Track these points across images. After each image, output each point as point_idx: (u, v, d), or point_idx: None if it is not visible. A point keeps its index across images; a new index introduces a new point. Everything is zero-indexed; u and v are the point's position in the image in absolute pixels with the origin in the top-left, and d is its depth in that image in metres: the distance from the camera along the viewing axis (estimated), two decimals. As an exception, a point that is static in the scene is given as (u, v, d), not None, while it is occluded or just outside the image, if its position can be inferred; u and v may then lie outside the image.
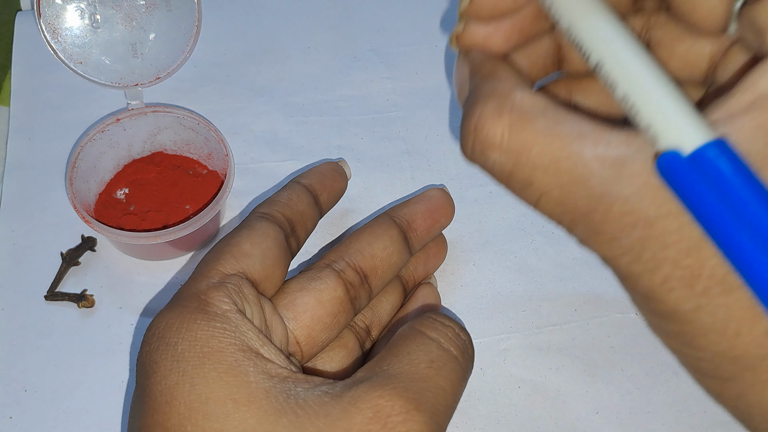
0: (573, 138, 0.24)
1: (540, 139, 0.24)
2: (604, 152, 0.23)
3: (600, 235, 0.24)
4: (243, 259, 0.30)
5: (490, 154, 0.25)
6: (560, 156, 0.24)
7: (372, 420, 0.25)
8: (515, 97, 0.25)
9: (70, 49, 0.40)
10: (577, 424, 0.37)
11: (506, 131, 0.25)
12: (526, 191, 0.25)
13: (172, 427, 0.26)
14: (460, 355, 0.29)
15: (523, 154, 0.24)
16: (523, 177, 0.25)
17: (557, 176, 0.24)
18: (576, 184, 0.24)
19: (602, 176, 0.23)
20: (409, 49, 0.50)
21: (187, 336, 0.27)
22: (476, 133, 0.25)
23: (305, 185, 0.36)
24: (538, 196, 0.25)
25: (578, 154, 0.24)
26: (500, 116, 0.25)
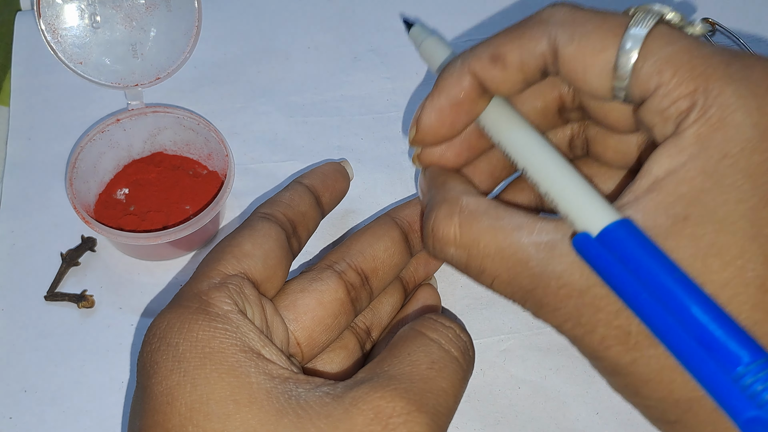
0: (512, 229, 0.28)
1: (485, 233, 0.29)
2: (538, 239, 0.28)
3: (544, 307, 0.28)
4: (244, 259, 0.30)
5: (447, 250, 0.30)
6: (503, 245, 0.28)
7: (373, 421, 0.25)
8: (462, 201, 0.30)
9: (70, 49, 0.40)
10: (577, 425, 0.37)
11: (457, 230, 0.30)
12: (481, 277, 0.30)
13: (173, 427, 0.26)
14: (461, 356, 0.29)
15: (474, 247, 0.29)
16: (476, 265, 0.29)
17: (503, 262, 0.28)
18: (519, 266, 0.28)
19: (538, 258, 0.27)
20: (410, 49, 0.50)
21: (189, 336, 0.27)
22: (433, 234, 0.30)
23: (307, 186, 0.36)
24: (492, 280, 0.29)
25: (517, 242, 0.28)
26: (451, 218, 0.30)
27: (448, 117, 0.32)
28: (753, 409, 0.23)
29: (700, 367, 0.24)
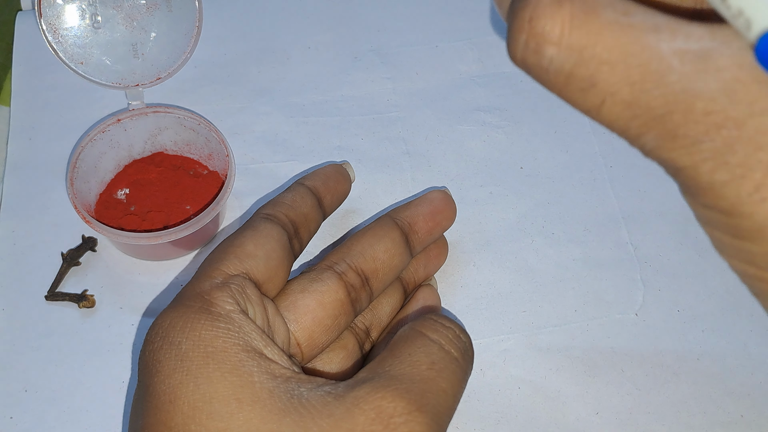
0: (647, 31, 0.21)
1: (607, 31, 0.22)
2: (685, 45, 0.21)
3: (678, 139, 0.22)
4: (246, 259, 0.30)
5: (546, 51, 0.22)
6: (632, 50, 0.21)
7: (375, 421, 0.25)
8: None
9: (70, 49, 0.40)
10: (577, 425, 0.37)
11: (567, 23, 0.22)
12: (587, 94, 0.23)
13: (176, 426, 0.26)
14: (461, 356, 0.29)
15: (587, 49, 0.22)
16: (585, 76, 0.22)
17: (628, 73, 0.22)
18: (651, 81, 0.21)
19: (683, 72, 0.21)
20: (410, 49, 0.50)
21: (191, 336, 0.27)
22: (531, 26, 0.22)
23: (309, 187, 0.36)
24: (603, 99, 0.22)
25: (653, 47, 0.21)
26: (560, 6, 0.22)
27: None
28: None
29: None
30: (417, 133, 0.46)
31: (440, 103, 0.47)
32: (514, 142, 0.46)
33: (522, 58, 0.23)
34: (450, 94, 0.48)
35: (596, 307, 0.40)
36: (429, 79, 0.49)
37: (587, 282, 0.41)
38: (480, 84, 0.48)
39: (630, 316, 0.40)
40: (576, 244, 0.42)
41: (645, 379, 0.38)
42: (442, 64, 0.49)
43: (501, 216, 0.43)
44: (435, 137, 0.46)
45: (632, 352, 0.39)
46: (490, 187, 0.44)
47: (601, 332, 0.39)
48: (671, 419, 0.37)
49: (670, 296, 0.41)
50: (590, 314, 0.40)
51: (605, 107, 0.22)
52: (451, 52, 0.50)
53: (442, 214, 0.37)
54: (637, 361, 0.39)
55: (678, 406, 0.37)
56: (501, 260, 0.42)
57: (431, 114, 0.47)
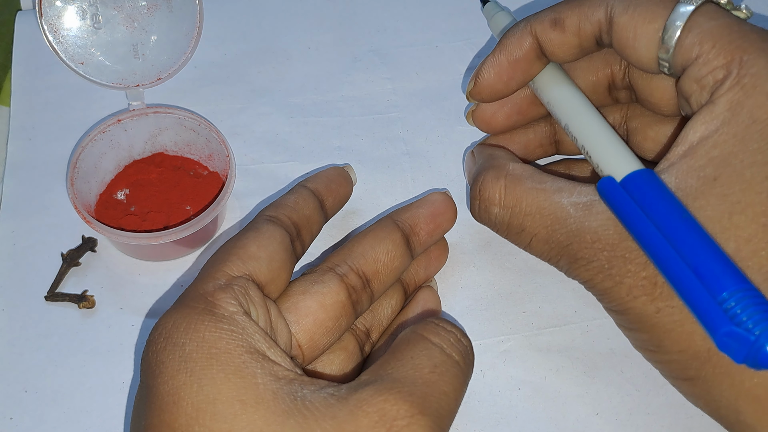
0: (553, 191, 0.32)
1: (528, 194, 0.33)
2: (577, 199, 0.31)
3: (579, 261, 0.31)
4: (250, 261, 0.30)
5: (491, 210, 0.34)
6: (543, 205, 0.32)
7: (378, 423, 0.26)
8: (509, 167, 0.35)
9: (71, 49, 0.40)
10: (576, 426, 0.37)
11: (503, 191, 0.34)
12: (520, 235, 0.34)
13: (180, 427, 0.26)
14: (462, 360, 0.29)
15: (516, 206, 0.33)
16: (517, 224, 0.33)
17: (542, 220, 0.32)
18: (557, 223, 0.32)
19: (576, 216, 0.31)
20: (410, 49, 0.50)
21: (195, 337, 0.27)
22: (480, 194, 0.35)
23: (311, 189, 0.36)
24: (530, 238, 0.33)
25: (558, 202, 0.32)
26: (497, 180, 0.34)
27: (506, 74, 0.36)
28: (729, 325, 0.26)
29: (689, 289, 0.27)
30: (417, 134, 0.46)
31: (440, 104, 0.47)
32: (514, 143, 0.46)
33: (479, 216, 0.36)
34: (450, 94, 0.48)
35: (596, 308, 0.40)
36: (429, 79, 0.49)
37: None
38: (480, 85, 0.48)
39: (630, 317, 0.40)
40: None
41: (645, 380, 0.38)
42: (442, 64, 0.49)
43: (501, 217, 0.43)
44: (435, 137, 0.46)
45: (632, 353, 0.39)
46: (490, 187, 0.44)
47: (601, 333, 0.39)
48: (671, 420, 0.37)
49: (669, 297, 0.41)
50: (590, 315, 0.40)
51: (532, 243, 0.34)
52: (451, 52, 0.50)
53: (443, 216, 0.38)
54: (637, 363, 0.39)
55: (677, 408, 0.37)
56: (501, 261, 0.42)
57: (431, 115, 0.47)
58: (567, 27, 0.34)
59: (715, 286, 0.27)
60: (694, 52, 0.30)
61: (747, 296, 0.26)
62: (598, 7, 0.33)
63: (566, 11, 0.34)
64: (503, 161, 0.35)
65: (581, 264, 0.31)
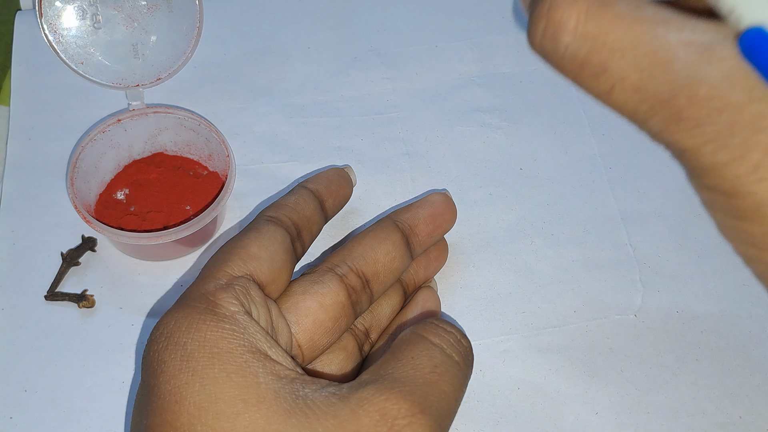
0: (656, 23, 0.24)
1: (620, 22, 0.24)
2: (690, 37, 0.23)
3: (683, 122, 0.24)
4: (251, 261, 0.30)
5: (562, 38, 0.25)
6: (642, 39, 0.24)
7: (379, 422, 0.26)
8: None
9: (71, 49, 0.40)
10: (576, 425, 0.37)
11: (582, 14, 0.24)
12: (599, 79, 0.25)
13: (182, 426, 0.26)
14: (462, 361, 0.30)
15: (600, 37, 0.24)
16: (598, 62, 0.24)
17: (637, 60, 0.24)
18: (659, 67, 0.24)
19: (688, 60, 0.23)
20: (409, 49, 0.50)
21: (197, 336, 0.27)
22: (549, 16, 0.25)
23: (312, 190, 0.36)
24: (613, 84, 0.25)
25: (662, 37, 0.24)
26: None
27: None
28: None
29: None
30: (417, 134, 0.46)
31: (440, 104, 0.47)
32: (513, 143, 0.46)
33: (540, 44, 0.25)
34: (450, 94, 0.48)
35: (595, 308, 0.40)
36: (429, 79, 0.49)
37: (586, 283, 0.41)
38: (480, 84, 0.48)
39: (629, 317, 0.40)
40: (575, 245, 0.42)
41: (644, 379, 0.38)
42: (442, 64, 0.49)
43: (500, 217, 0.43)
44: (435, 138, 0.46)
45: (631, 352, 0.39)
46: (489, 188, 0.44)
47: (600, 333, 0.39)
48: (670, 420, 0.37)
49: (669, 297, 0.41)
50: (589, 315, 0.40)
51: (615, 92, 0.24)
52: (451, 52, 0.50)
53: (443, 217, 0.38)
54: (636, 362, 0.39)
55: (677, 407, 0.38)
56: (500, 261, 0.42)
57: (431, 114, 0.47)
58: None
59: None
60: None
61: None
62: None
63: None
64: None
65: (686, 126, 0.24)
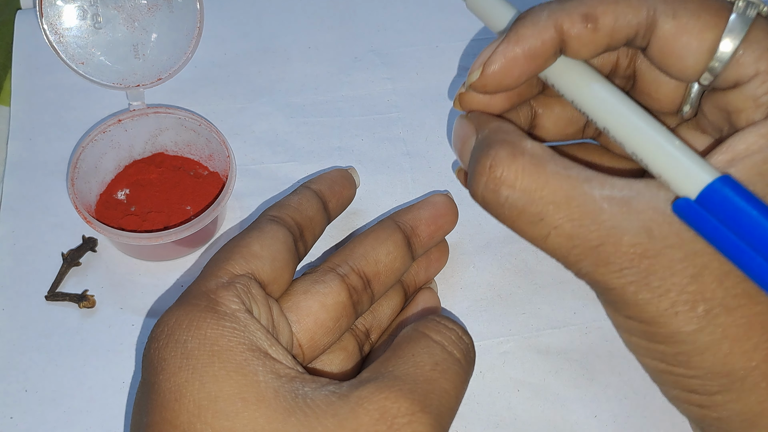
0: (582, 180, 0.27)
1: (553, 180, 0.27)
2: (611, 193, 0.27)
3: (609, 265, 0.27)
4: (252, 260, 0.30)
5: (502, 191, 0.28)
6: (572, 194, 0.27)
7: (379, 421, 0.26)
8: (526, 144, 0.29)
9: (71, 49, 0.40)
10: (575, 428, 0.37)
11: (520, 171, 0.28)
12: (536, 226, 0.28)
13: (182, 424, 0.26)
14: (463, 358, 0.29)
15: (537, 191, 0.27)
16: (534, 212, 0.28)
17: (569, 211, 0.27)
18: (588, 218, 0.27)
19: (611, 213, 0.27)
20: (410, 49, 0.50)
21: (197, 334, 0.27)
22: (490, 172, 0.28)
23: (315, 191, 0.36)
24: (549, 231, 0.28)
25: (588, 193, 0.27)
26: (514, 159, 0.28)
27: (518, 68, 0.30)
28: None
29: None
30: (417, 134, 0.46)
31: (441, 104, 0.47)
32: (514, 144, 0.46)
33: (482, 196, 0.29)
34: (450, 94, 0.48)
35: (596, 309, 0.40)
36: (429, 79, 0.49)
37: (587, 285, 0.41)
38: (480, 85, 0.48)
39: (629, 318, 0.40)
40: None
41: (643, 382, 0.38)
42: (442, 64, 0.49)
43: (501, 218, 0.43)
44: (435, 138, 0.46)
45: (631, 355, 0.39)
46: (490, 188, 0.44)
47: (600, 335, 0.40)
48: (668, 423, 0.37)
49: (668, 299, 0.41)
50: (590, 317, 0.40)
51: (550, 237, 0.28)
52: (451, 52, 0.50)
53: (444, 218, 0.38)
54: (636, 365, 0.38)
55: (675, 411, 0.37)
56: (501, 262, 0.42)
57: (431, 115, 0.47)
58: (600, 25, 0.29)
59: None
60: (752, 70, 0.27)
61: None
62: (639, 7, 0.28)
63: (600, 7, 0.29)
64: (518, 137, 0.29)
65: (612, 270, 0.27)
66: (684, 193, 0.26)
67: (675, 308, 0.26)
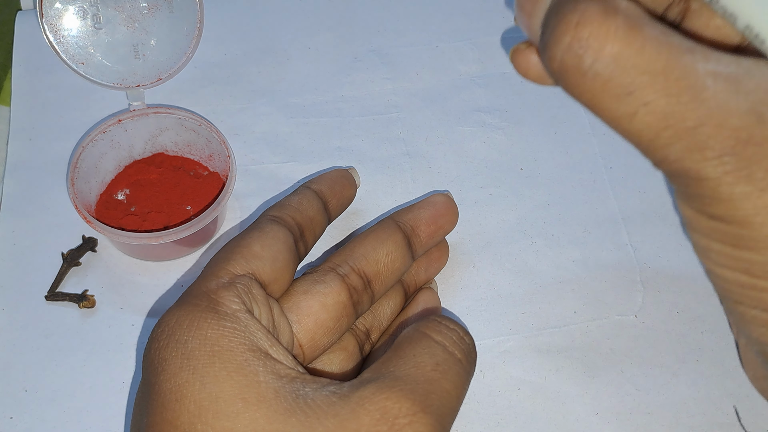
0: (684, 51, 0.23)
1: (650, 45, 0.23)
2: (717, 68, 0.23)
3: (707, 150, 0.23)
4: (253, 260, 0.30)
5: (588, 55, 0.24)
6: (672, 65, 0.23)
7: (379, 421, 0.26)
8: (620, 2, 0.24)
9: (72, 49, 0.40)
10: (576, 426, 0.37)
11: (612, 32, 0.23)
12: (622, 102, 0.24)
13: (182, 424, 0.26)
14: (464, 358, 0.29)
15: (630, 58, 0.23)
16: (624, 83, 0.23)
17: (667, 85, 0.23)
18: (688, 94, 0.23)
19: (716, 90, 0.23)
20: (410, 49, 0.50)
21: (198, 334, 0.27)
22: (577, 30, 0.23)
23: (315, 191, 0.36)
24: (638, 107, 0.24)
25: (691, 65, 0.23)
26: (607, 17, 0.23)
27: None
28: None
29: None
30: (417, 134, 0.46)
31: (440, 104, 0.47)
32: (514, 143, 0.46)
33: (561, 59, 0.24)
34: (450, 94, 0.48)
35: (596, 308, 0.40)
36: (429, 79, 0.49)
37: (587, 283, 0.41)
38: (480, 85, 0.48)
39: (629, 317, 0.40)
40: (576, 245, 0.42)
41: (644, 380, 0.38)
42: (442, 65, 0.49)
43: (501, 217, 0.43)
44: (435, 138, 0.46)
45: (632, 353, 0.39)
46: (490, 188, 0.44)
47: (600, 333, 0.39)
48: (670, 420, 0.37)
49: (669, 298, 0.41)
50: (590, 315, 0.40)
51: (639, 114, 0.24)
52: (451, 52, 0.50)
53: (445, 218, 0.38)
54: (637, 362, 0.39)
55: (677, 408, 0.38)
56: (501, 261, 0.42)
57: (431, 115, 0.47)
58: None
59: None
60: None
61: None
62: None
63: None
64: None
65: (709, 156, 0.23)
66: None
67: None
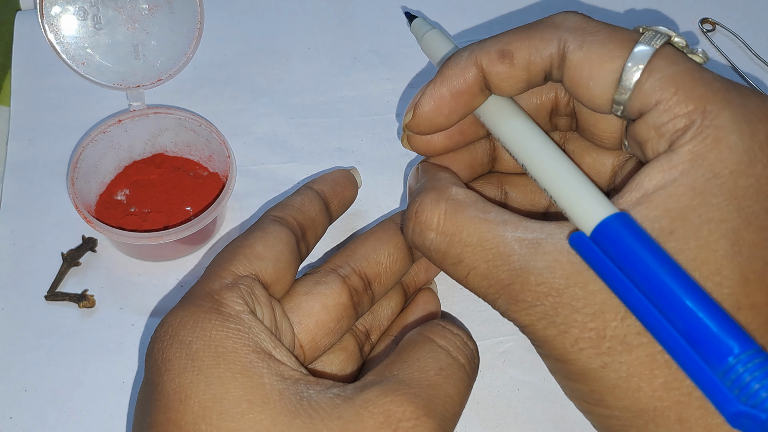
0: (497, 223, 0.29)
1: (470, 223, 0.30)
2: (522, 235, 0.28)
3: (519, 303, 0.28)
4: (256, 261, 0.30)
5: (427, 234, 0.31)
6: (486, 237, 0.29)
7: (383, 424, 0.26)
8: (451, 190, 0.31)
9: (72, 50, 0.40)
10: (575, 427, 0.37)
11: (442, 216, 0.30)
12: (457, 267, 0.30)
13: (186, 425, 0.26)
14: (467, 363, 0.30)
15: (456, 235, 0.30)
16: (454, 254, 0.30)
17: (483, 253, 0.29)
18: (499, 259, 0.29)
19: (521, 254, 0.28)
20: (410, 50, 0.50)
21: (202, 335, 0.27)
22: (416, 217, 0.31)
23: (317, 191, 0.36)
24: (468, 271, 0.30)
25: (501, 235, 0.29)
26: (437, 204, 0.31)
27: (447, 107, 0.32)
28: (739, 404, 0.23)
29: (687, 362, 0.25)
30: (417, 135, 0.46)
31: (440, 105, 0.48)
32: (513, 144, 0.46)
33: (411, 239, 0.32)
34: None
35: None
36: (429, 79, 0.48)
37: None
38: (480, 86, 0.48)
39: (628, 318, 0.40)
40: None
41: (643, 381, 0.38)
42: (441, 66, 0.49)
43: (500, 218, 0.43)
44: (435, 139, 0.46)
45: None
46: (489, 189, 0.44)
47: (599, 334, 0.40)
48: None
49: (668, 299, 0.41)
50: (589, 316, 0.40)
51: (469, 277, 0.30)
52: (450, 53, 0.50)
53: None
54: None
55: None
56: (500, 262, 0.42)
57: (431, 116, 0.47)
58: (516, 60, 0.30)
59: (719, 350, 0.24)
60: (654, 98, 0.27)
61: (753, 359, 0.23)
62: (550, 40, 0.30)
63: (515, 42, 0.30)
64: (445, 184, 0.32)
65: (522, 307, 0.28)
66: (582, 228, 0.27)
67: (579, 345, 0.27)
